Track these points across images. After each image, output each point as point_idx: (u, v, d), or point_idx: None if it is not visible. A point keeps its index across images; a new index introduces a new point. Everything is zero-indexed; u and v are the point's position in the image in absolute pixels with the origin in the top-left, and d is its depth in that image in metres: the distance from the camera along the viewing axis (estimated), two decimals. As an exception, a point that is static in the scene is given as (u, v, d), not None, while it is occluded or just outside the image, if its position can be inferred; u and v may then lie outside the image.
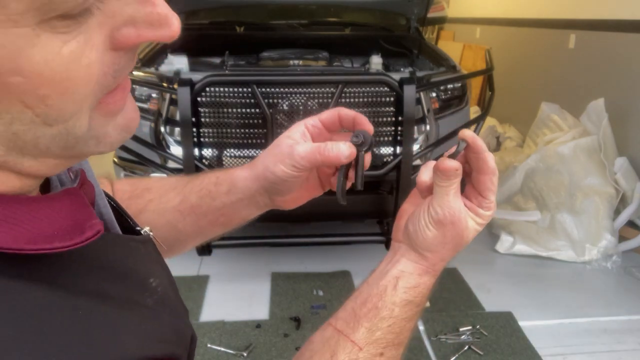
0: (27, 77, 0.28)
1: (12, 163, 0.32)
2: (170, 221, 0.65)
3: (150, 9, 0.32)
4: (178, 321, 0.43)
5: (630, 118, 3.24)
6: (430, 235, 0.54)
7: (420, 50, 3.10)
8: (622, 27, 3.35)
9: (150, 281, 0.44)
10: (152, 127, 2.31)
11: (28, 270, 0.33)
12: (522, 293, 2.53)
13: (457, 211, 0.52)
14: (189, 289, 2.48)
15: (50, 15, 0.27)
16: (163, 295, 0.44)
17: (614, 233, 2.85)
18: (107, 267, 0.40)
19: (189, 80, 2.06)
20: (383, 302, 0.53)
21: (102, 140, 0.35)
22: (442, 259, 0.55)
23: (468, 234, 0.54)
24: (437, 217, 0.53)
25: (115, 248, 0.43)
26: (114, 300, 0.37)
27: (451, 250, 0.55)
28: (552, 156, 3.14)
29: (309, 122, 0.61)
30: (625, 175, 3.02)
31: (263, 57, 2.99)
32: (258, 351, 2.05)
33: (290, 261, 2.78)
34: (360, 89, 2.21)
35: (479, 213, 0.54)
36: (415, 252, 0.55)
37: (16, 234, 0.32)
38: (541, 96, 4.02)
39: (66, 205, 0.36)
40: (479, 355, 2.04)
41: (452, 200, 0.52)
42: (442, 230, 0.53)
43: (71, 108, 0.31)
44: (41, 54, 0.28)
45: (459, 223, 0.53)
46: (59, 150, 0.33)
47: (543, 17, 4.33)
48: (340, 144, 0.57)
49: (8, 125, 0.30)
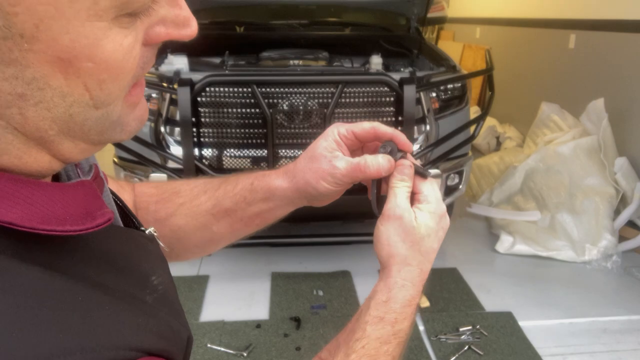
0: (96, 64, 0.33)
1: (56, 143, 0.36)
2: (204, 224, 0.66)
3: (178, 12, 0.38)
4: (175, 321, 0.44)
5: (630, 118, 3.25)
6: (385, 235, 0.55)
7: (420, 50, 3.10)
8: (622, 27, 3.35)
9: (152, 279, 0.45)
10: (152, 127, 2.31)
11: (34, 251, 0.35)
12: (522, 293, 2.53)
13: (401, 207, 0.55)
14: (189, 289, 2.48)
15: (123, 12, 0.33)
16: (163, 294, 0.44)
17: (614, 233, 2.85)
18: (111, 260, 0.41)
19: (189, 80, 2.06)
20: (357, 324, 0.53)
21: (125, 128, 0.40)
22: (406, 261, 0.55)
23: (421, 230, 0.55)
24: (385, 214, 0.55)
25: (121, 241, 0.45)
26: (113, 292, 0.38)
27: (411, 250, 0.55)
28: (552, 156, 3.14)
29: (342, 131, 0.61)
30: (625, 175, 3.02)
31: (263, 57, 2.99)
32: (258, 351, 2.05)
33: (290, 261, 2.78)
34: (360, 89, 2.21)
35: (423, 208, 0.56)
36: (382, 268, 0.56)
37: (31, 213, 0.34)
38: (541, 96, 4.02)
39: (80, 194, 0.38)
40: (479, 355, 2.04)
41: (398, 199, 0.55)
42: (393, 226, 0.54)
43: (116, 93, 0.36)
44: (110, 44, 0.33)
45: (407, 217, 0.54)
46: (96, 134, 0.37)
47: (543, 17, 4.33)
48: (379, 158, 0.58)
49: (69, 107, 0.34)
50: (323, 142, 0.60)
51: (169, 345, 0.40)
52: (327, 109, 2.14)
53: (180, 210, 0.66)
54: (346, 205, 2.48)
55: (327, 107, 2.15)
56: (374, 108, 2.25)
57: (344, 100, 2.21)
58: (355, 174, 0.58)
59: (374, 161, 0.57)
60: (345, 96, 2.20)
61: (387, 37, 3.27)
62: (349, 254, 2.85)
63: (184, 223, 0.66)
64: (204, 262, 2.74)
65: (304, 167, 0.61)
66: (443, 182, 2.48)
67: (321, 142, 0.60)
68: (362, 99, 2.23)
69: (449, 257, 2.92)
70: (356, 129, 0.60)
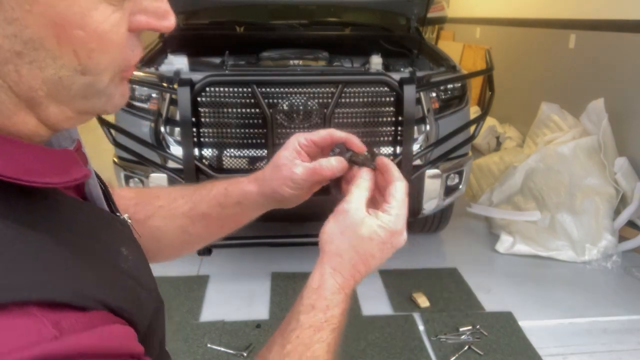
0: (86, 33, 0.37)
1: (44, 106, 0.40)
2: (181, 226, 0.71)
3: (159, 4, 0.42)
4: (142, 290, 0.46)
5: (630, 118, 3.25)
6: (328, 225, 0.58)
7: (420, 50, 3.09)
8: (622, 27, 3.35)
9: (122, 249, 0.47)
10: (152, 127, 2.31)
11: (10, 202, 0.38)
12: (522, 293, 2.53)
13: (353, 204, 0.58)
14: (189, 289, 2.48)
15: None
16: (132, 266, 0.47)
17: (614, 233, 2.85)
18: (85, 228, 0.45)
19: (189, 80, 2.06)
20: (292, 314, 0.56)
21: (110, 100, 0.43)
22: (339, 252, 0.57)
23: (363, 230, 0.57)
24: (335, 209, 0.59)
25: (96, 216, 0.48)
26: (82, 251, 0.41)
27: (347, 244, 0.57)
28: (552, 156, 3.14)
29: (302, 140, 0.67)
30: (625, 175, 3.02)
31: (263, 57, 2.99)
32: (258, 351, 2.05)
33: (290, 261, 2.78)
34: (360, 89, 2.21)
35: (378, 215, 0.58)
36: (320, 257, 0.58)
37: (15, 165, 0.37)
38: (541, 96, 4.02)
39: (60, 156, 0.42)
40: (479, 355, 2.04)
41: (354, 196, 0.59)
42: (337, 218, 0.58)
43: (104, 64, 0.40)
44: (99, 16, 0.38)
45: (353, 213, 0.57)
46: (81, 100, 0.41)
47: (543, 17, 4.33)
48: (332, 160, 0.64)
49: (58, 69, 0.38)
50: (284, 152, 0.67)
51: (131, 308, 0.42)
52: (327, 109, 2.14)
53: (158, 213, 0.70)
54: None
55: (327, 107, 2.15)
56: (374, 108, 2.25)
57: (344, 100, 2.21)
58: (313, 177, 0.64)
59: (327, 163, 0.63)
60: (345, 96, 2.20)
61: (387, 37, 3.27)
62: (349, 254, 2.85)
63: (162, 224, 0.70)
64: (204, 262, 2.74)
65: (270, 175, 0.67)
66: (443, 182, 2.48)
67: (283, 153, 0.67)
68: (362, 99, 2.23)
69: (449, 257, 2.92)
70: (314, 137, 0.66)
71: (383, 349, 2.07)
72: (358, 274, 0.58)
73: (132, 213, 0.65)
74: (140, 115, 2.35)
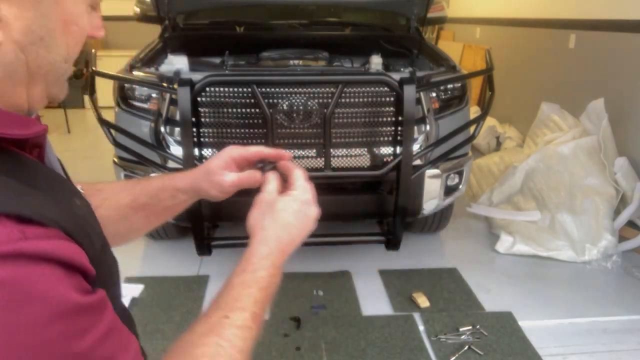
0: (79, 28, 0.53)
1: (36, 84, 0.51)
2: (124, 215, 0.82)
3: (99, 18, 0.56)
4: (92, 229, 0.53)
5: (630, 118, 3.24)
6: (251, 214, 0.73)
7: (420, 50, 3.09)
8: (622, 27, 3.35)
9: (75, 200, 0.55)
10: (152, 127, 2.31)
11: None
12: (522, 293, 2.53)
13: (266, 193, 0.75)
14: (189, 289, 2.48)
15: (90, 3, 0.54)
16: (84, 213, 0.55)
17: (614, 233, 2.85)
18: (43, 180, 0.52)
19: (189, 80, 2.06)
20: (226, 282, 0.66)
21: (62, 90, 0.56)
22: (263, 227, 0.71)
23: (278, 205, 0.73)
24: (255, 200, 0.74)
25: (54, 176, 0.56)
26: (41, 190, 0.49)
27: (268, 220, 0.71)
28: (552, 156, 3.14)
29: (235, 155, 0.82)
30: (625, 175, 3.02)
31: (263, 57, 2.99)
32: (258, 351, 2.05)
33: (290, 261, 2.77)
34: (360, 89, 2.21)
35: (288, 193, 0.75)
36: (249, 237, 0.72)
37: None
38: (541, 96, 4.02)
39: (22, 119, 0.51)
40: (479, 355, 2.04)
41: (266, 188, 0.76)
42: (256, 206, 0.74)
43: (75, 56, 0.54)
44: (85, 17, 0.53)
45: (267, 197, 0.74)
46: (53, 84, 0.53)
47: (543, 17, 4.33)
48: (254, 172, 0.80)
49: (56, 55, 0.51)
50: (217, 161, 0.81)
51: (82, 237, 0.49)
52: (327, 109, 2.14)
53: (104, 204, 0.80)
54: (346, 205, 2.48)
55: (327, 107, 2.15)
56: (374, 108, 2.24)
57: (344, 100, 2.20)
58: (239, 185, 0.80)
59: (250, 174, 0.80)
60: (345, 96, 2.20)
61: (387, 37, 3.27)
62: (349, 254, 2.85)
63: (107, 214, 0.77)
64: (204, 262, 2.74)
65: (202, 177, 0.82)
66: (443, 182, 2.48)
67: (216, 161, 0.81)
68: (362, 99, 2.23)
69: (449, 257, 2.92)
70: (245, 153, 0.82)
71: (383, 349, 2.07)
72: (283, 242, 0.71)
73: None
74: (140, 115, 2.35)
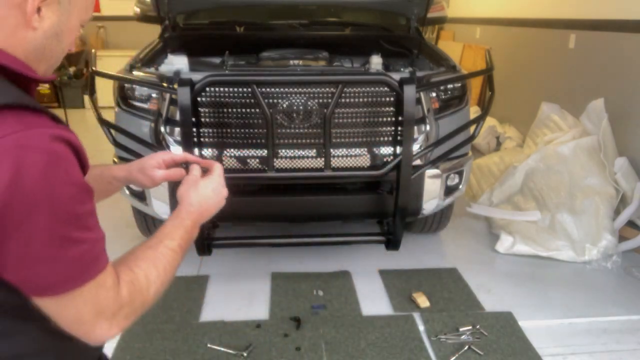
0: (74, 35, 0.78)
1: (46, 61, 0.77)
2: None
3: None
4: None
5: (630, 118, 3.24)
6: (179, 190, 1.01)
7: (420, 50, 3.09)
8: (622, 27, 3.35)
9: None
10: (152, 127, 2.31)
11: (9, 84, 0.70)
12: (522, 293, 2.53)
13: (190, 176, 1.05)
14: (189, 289, 2.48)
15: None
16: None
17: (614, 233, 2.85)
18: None
19: (189, 80, 2.06)
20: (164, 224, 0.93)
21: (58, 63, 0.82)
22: (189, 196, 0.99)
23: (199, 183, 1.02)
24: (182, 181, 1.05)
25: None
26: None
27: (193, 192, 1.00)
28: (552, 156, 3.14)
29: (167, 158, 1.12)
30: (625, 175, 3.02)
31: (263, 57, 2.99)
32: (258, 351, 2.05)
33: (290, 261, 2.78)
34: (360, 89, 2.20)
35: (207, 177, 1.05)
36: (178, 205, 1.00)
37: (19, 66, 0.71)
38: (541, 96, 4.02)
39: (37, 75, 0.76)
40: (479, 355, 2.04)
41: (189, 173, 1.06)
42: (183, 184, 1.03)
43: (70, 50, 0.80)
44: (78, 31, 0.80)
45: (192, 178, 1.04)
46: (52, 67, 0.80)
47: (543, 17, 4.33)
48: (181, 169, 1.11)
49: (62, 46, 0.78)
50: (151, 162, 1.10)
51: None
52: (327, 109, 2.14)
53: None
54: (346, 205, 2.48)
55: (327, 107, 2.14)
56: (374, 108, 2.24)
57: (344, 100, 2.20)
58: (166, 178, 1.11)
59: (177, 170, 1.12)
60: (345, 96, 2.20)
61: (387, 37, 3.27)
62: (349, 254, 2.85)
63: None
64: (204, 262, 2.74)
65: (137, 171, 1.10)
66: (443, 182, 2.48)
67: (149, 162, 1.10)
68: (362, 99, 2.22)
69: (449, 257, 2.92)
70: (174, 156, 1.13)
71: (383, 349, 2.07)
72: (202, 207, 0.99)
73: None
74: (140, 115, 2.35)
